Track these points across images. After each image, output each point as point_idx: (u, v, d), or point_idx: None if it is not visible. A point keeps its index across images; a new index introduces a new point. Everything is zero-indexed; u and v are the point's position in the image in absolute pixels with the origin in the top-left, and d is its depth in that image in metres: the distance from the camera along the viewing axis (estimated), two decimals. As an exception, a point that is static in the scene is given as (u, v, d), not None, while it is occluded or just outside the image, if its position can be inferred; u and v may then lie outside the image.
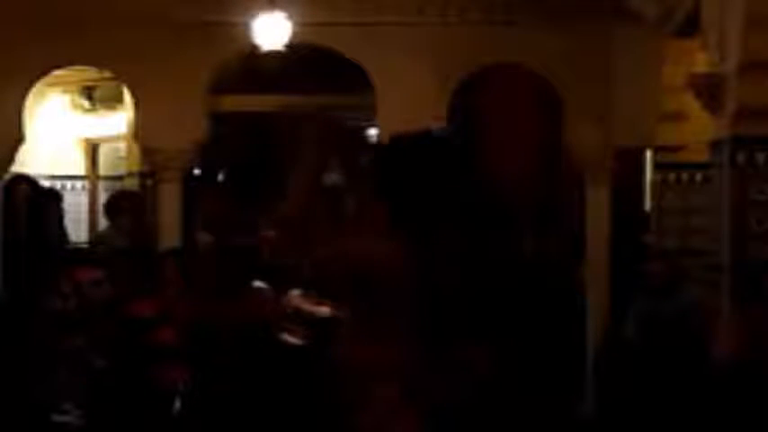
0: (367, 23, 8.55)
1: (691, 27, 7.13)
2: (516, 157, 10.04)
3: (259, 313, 5.52)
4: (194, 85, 8.73)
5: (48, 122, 10.65)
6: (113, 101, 10.45)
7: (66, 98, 10.87)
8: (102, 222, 10.72)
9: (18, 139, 8.75)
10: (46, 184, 9.63)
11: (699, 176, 8.47)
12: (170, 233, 8.69)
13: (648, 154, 9.20)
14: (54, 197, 9.18)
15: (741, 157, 6.09)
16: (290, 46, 8.33)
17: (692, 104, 7.19)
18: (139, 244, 8.18)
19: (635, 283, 7.81)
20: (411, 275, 2.20)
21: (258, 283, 5.87)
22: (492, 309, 2.26)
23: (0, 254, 8.38)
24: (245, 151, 11.57)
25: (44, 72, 8.92)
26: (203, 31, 8.52)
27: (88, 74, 10.19)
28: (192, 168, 9.79)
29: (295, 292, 7.23)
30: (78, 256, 8.07)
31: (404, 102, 8.45)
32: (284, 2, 8.23)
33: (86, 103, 10.90)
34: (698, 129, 7.57)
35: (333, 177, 9.98)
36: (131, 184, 10.11)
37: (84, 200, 10.88)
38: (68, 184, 10.71)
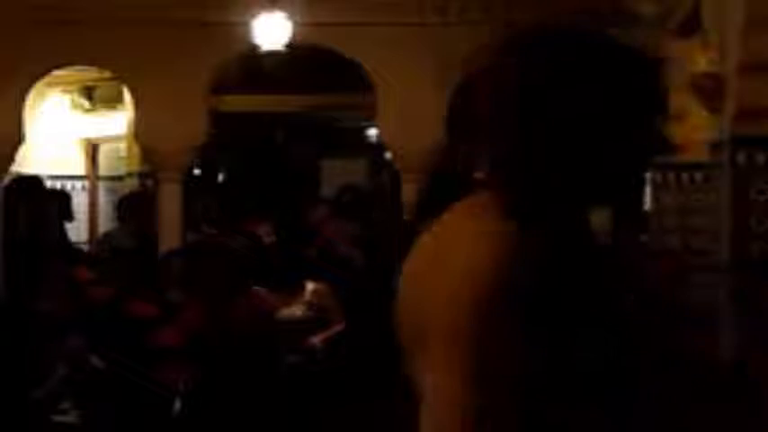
0: (367, 23, 8.55)
1: (691, 27, 7.13)
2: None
3: (258, 316, 5.52)
4: (194, 85, 8.73)
5: (48, 122, 10.64)
6: (113, 101, 10.43)
7: (66, 98, 10.85)
8: (102, 222, 10.74)
9: (18, 139, 8.75)
10: (46, 183, 9.60)
11: (699, 176, 8.46)
12: (170, 233, 8.69)
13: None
14: (57, 197, 9.16)
15: (741, 157, 6.08)
16: (290, 46, 8.33)
17: (692, 104, 7.19)
18: (145, 245, 8.18)
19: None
20: None
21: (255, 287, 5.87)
22: None
23: (0, 254, 8.37)
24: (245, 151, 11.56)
25: (44, 72, 8.92)
26: (203, 31, 8.52)
27: (88, 74, 10.18)
28: (191, 168, 9.79)
29: (310, 286, 7.24)
30: (78, 256, 8.10)
31: (404, 102, 8.44)
32: (284, 2, 8.23)
33: (86, 103, 10.89)
34: (698, 129, 7.57)
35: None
36: (131, 184, 10.10)
37: (83, 200, 10.85)
38: (68, 184, 10.68)
